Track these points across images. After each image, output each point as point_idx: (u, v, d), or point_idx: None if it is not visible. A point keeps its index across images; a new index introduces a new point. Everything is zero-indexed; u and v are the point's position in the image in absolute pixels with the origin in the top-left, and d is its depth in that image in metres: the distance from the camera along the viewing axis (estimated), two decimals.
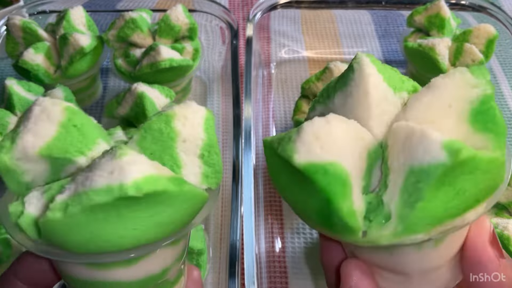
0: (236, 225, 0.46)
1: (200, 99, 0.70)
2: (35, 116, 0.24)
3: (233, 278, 0.42)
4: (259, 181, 0.58)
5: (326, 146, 0.23)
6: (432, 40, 0.60)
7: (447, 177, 0.22)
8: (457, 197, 0.22)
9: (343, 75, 0.27)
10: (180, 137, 0.26)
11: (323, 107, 0.28)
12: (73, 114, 0.25)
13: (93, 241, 0.22)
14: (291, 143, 0.24)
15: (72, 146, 0.24)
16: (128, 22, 0.61)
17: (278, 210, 0.58)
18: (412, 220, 0.22)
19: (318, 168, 0.23)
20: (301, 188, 0.25)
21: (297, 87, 0.71)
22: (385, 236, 0.23)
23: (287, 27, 0.80)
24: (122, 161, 0.21)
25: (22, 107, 0.57)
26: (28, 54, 0.59)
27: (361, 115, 0.25)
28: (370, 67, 0.26)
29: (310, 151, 0.23)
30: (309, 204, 0.25)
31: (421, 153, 0.22)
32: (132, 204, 0.21)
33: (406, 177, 0.23)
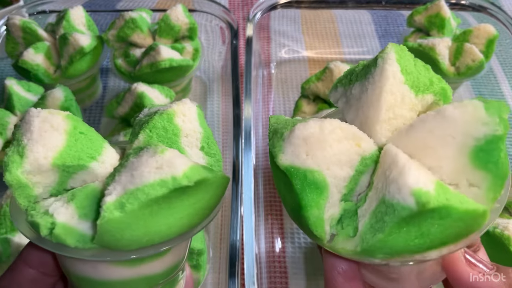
0: (236, 225, 0.46)
1: (200, 99, 0.70)
2: (37, 127, 0.24)
3: (233, 278, 0.42)
4: (259, 181, 0.58)
5: (312, 152, 0.24)
6: (432, 40, 0.60)
7: (413, 219, 0.22)
8: (421, 237, 0.22)
9: (369, 64, 0.27)
10: (183, 133, 0.27)
11: (343, 90, 0.28)
12: (76, 121, 0.26)
13: (146, 234, 0.23)
14: (281, 141, 0.24)
15: (83, 152, 0.25)
16: (128, 22, 0.61)
17: (278, 210, 0.58)
18: (370, 247, 0.23)
19: (299, 173, 0.24)
20: (284, 181, 0.25)
21: (297, 87, 0.71)
22: (346, 251, 0.24)
23: (287, 27, 0.80)
24: (167, 156, 0.23)
25: (22, 107, 0.57)
26: (28, 54, 0.59)
27: (370, 116, 0.25)
28: (393, 66, 0.25)
29: (296, 154, 0.24)
30: (287, 198, 0.26)
31: (394, 189, 0.22)
32: (182, 194, 0.23)
33: (379, 203, 0.23)
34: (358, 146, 0.25)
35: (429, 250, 0.23)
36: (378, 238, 0.22)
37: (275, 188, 0.60)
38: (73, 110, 0.57)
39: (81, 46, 0.59)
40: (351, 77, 0.28)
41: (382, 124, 0.25)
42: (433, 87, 0.26)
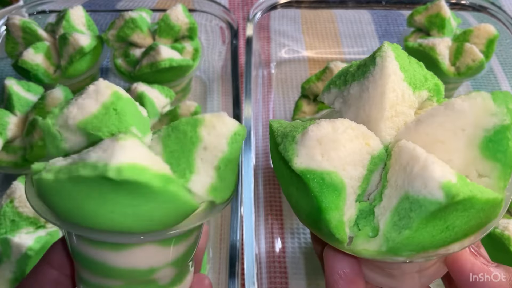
0: (236, 225, 0.46)
1: (200, 99, 0.70)
2: (87, 93, 0.26)
3: (233, 278, 0.42)
4: (259, 181, 0.58)
5: (327, 153, 0.23)
6: (433, 40, 0.60)
7: (440, 213, 0.22)
8: (446, 231, 0.22)
9: (365, 63, 0.27)
10: (202, 144, 0.26)
11: (337, 91, 0.28)
12: (117, 99, 0.27)
13: (75, 211, 0.23)
14: (294, 144, 0.24)
15: (105, 126, 0.26)
16: (128, 22, 0.61)
17: (278, 210, 0.58)
18: (397, 244, 0.23)
19: (316, 176, 0.23)
20: (298, 186, 0.25)
21: (297, 87, 0.71)
22: (369, 251, 0.24)
23: (287, 27, 0.80)
24: (117, 144, 0.22)
25: (22, 107, 0.57)
26: (28, 54, 0.59)
27: (373, 115, 0.25)
28: (393, 64, 0.25)
29: (311, 156, 0.23)
30: (301, 203, 0.25)
31: (419, 184, 0.22)
32: (114, 187, 0.22)
33: (401, 200, 0.23)
34: (367, 145, 0.24)
35: (453, 243, 0.23)
36: (405, 235, 0.22)
37: (275, 188, 0.60)
38: None
39: (81, 46, 0.59)
40: (346, 77, 0.28)
41: (386, 122, 0.25)
42: (427, 84, 0.27)
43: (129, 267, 0.26)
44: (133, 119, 0.27)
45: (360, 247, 0.24)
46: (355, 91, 0.26)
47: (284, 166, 0.25)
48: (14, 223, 0.46)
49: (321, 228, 0.24)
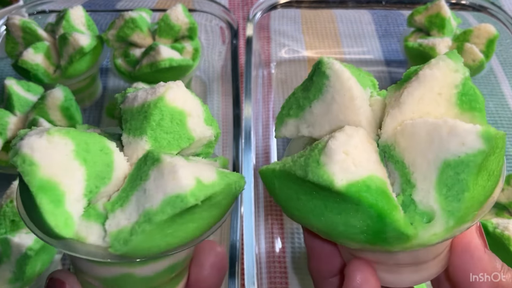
0: (236, 225, 0.46)
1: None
2: None
3: (233, 278, 0.42)
4: (259, 181, 0.58)
5: (357, 160, 0.23)
6: (433, 40, 0.60)
7: (484, 162, 0.22)
8: (490, 178, 0.23)
9: (311, 83, 0.27)
10: (187, 113, 0.27)
11: (295, 120, 0.28)
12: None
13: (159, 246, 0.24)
14: (324, 166, 0.22)
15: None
16: (127, 21, 0.61)
17: (278, 210, 0.58)
18: (462, 211, 0.22)
19: (360, 187, 0.22)
20: (338, 210, 0.24)
21: None
22: (438, 234, 0.23)
23: (287, 27, 0.80)
24: (174, 174, 0.23)
25: (22, 107, 0.57)
26: (28, 54, 0.59)
27: (351, 119, 0.26)
28: (345, 71, 0.26)
29: (346, 170, 0.22)
30: (350, 225, 0.24)
31: (455, 145, 0.22)
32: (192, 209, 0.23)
33: (441, 172, 0.23)
34: (370, 143, 0.25)
35: (494, 189, 0.24)
36: (467, 198, 0.22)
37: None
38: (73, 110, 0.57)
39: (81, 46, 0.59)
40: (299, 104, 0.28)
41: (364, 121, 0.26)
42: (367, 82, 0.28)
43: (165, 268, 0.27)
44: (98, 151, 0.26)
45: (427, 235, 0.23)
46: (319, 109, 0.27)
47: (307, 197, 0.24)
48: (14, 223, 0.46)
49: (386, 235, 0.23)
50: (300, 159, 0.24)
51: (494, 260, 0.27)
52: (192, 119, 0.27)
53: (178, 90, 0.27)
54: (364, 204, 0.22)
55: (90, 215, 0.24)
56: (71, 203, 0.23)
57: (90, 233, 0.24)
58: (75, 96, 0.58)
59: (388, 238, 0.23)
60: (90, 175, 0.24)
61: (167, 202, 0.22)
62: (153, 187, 0.23)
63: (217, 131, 0.29)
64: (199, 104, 0.28)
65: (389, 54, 0.76)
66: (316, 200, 0.24)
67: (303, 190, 0.24)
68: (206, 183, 0.23)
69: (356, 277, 0.26)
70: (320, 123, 0.27)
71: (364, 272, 0.26)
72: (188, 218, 0.24)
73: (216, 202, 0.24)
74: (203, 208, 0.24)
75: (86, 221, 0.24)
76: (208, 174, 0.24)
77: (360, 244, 0.24)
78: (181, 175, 0.22)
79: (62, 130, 0.23)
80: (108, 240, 0.23)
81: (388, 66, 0.75)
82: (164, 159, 0.23)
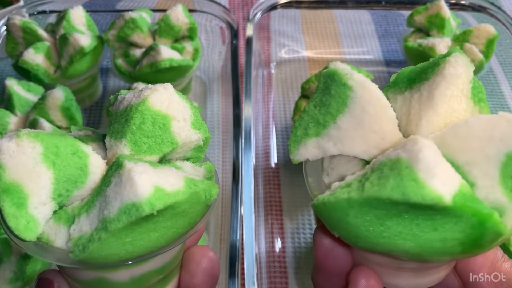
0: (236, 225, 0.46)
1: (200, 99, 0.70)
2: None
3: (233, 278, 0.42)
4: (259, 181, 0.58)
5: (447, 170, 0.22)
6: (432, 40, 0.60)
7: None
8: None
9: (334, 96, 0.26)
10: (172, 117, 0.26)
11: (317, 139, 0.27)
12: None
13: (121, 252, 0.23)
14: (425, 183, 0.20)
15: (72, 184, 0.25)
16: (128, 22, 0.61)
17: (278, 210, 0.58)
18: None
19: (461, 197, 0.21)
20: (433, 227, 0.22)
21: (297, 87, 0.71)
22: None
23: (287, 27, 0.80)
24: (132, 180, 0.22)
25: (22, 107, 0.57)
26: (28, 54, 0.59)
27: (387, 129, 0.25)
28: (367, 80, 0.25)
29: (445, 183, 0.21)
30: (449, 239, 0.22)
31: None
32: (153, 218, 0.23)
33: (504, 166, 0.22)
34: None
35: None
36: None
37: (275, 188, 0.60)
38: (73, 110, 0.57)
39: (81, 46, 0.59)
40: (319, 122, 0.27)
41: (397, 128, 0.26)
42: None
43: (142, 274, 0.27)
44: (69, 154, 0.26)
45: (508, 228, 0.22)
46: (348, 123, 0.25)
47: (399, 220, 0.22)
48: None
49: (482, 242, 0.22)
50: (388, 181, 0.22)
51: (496, 248, 0.27)
52: (177, 123, 0.27)
53: (164, 93, 0.26)
54: (467, 213, 0.21)
55: (61, 218, 0.24)
56: (35, 206, 0.23)
57: (58, 237, 0.23)
58: (76, 96, 0.59)
59: (484, 242, 0.22)
60: (59, 179, 0.23)
61: (123, 210, 0.22)
62: (113, 193, 0.23)
63: (205, 135, 0.28)
64: (187, 107, 0.27)
65: (388, 54, 0.77)
66: (405, 222, 0.22)
67: (390, 214, 0.22)
68: (168, 192, 0.22)
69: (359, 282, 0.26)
70: (351, 137, 0.25)
71: (368, 278, 0.26)
72: (148, 227, 0.23)
73: (181, 211, 0.24)
74: (166, 217, 0.23)
75: (56, 224, 0.24)
76: (173, 182, 0.23)
77: (454, 256, 0.23)
78: (138, 183, 0.22)
79: (32, 133, 0.23)
80: (69, 246, 0.23)
81: (388, 66, 0.75)
82: (125, 165, 0.23)
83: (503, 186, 0.22)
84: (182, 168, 0.27)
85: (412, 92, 0.26)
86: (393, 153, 0.23)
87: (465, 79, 0.25)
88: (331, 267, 0.28)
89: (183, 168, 0.27)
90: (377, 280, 0.27)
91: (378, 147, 0.25)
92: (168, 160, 0.28)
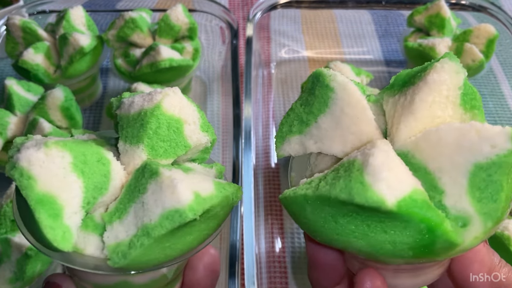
0: (236, 225, 0.46)
1: (200, 99, 0.70)
2: None
3: (233, 278, 0.42)
4: (259, 181, 0.58)
5: (399, 175, 0.22)
6: (432, 40, 0.60)
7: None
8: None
9: (317, 97, 0.27)
10: (184, 121, 0.27)
11: (299, 136, 0.28)
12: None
13: (159, 258, 0.24)
14: (370, 187, 0.21)
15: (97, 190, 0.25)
16: (128, 22, 0.61)
17: (278, 210, 0.58)
18: (499, 212, 0.22)
19: (408, 202, 0.21)
20: (383, 229, 0.23)
21: (297, 87, 0.71)
22: (478, 237, 0.22)
23: (287, 27, 0.80)
24: (173, 188, 0.23)
25: (22, 107, 0.57)
26: (28, 54, 0.59)
27: (364, 130, 0.25)
28: (349, 82, 0.26)
29: (392, 187, 0.21)
30: (399, 242, 0.23)
31: (487, 148, 0.22)
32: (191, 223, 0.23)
33: (472, 175, 0.22)
34: None
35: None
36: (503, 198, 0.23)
37: (275, 188, 0.60)
38: (73, 110, 0.57)
39: (81, 46, 0.59)
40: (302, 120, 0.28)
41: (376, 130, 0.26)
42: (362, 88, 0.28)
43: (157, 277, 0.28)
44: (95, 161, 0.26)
45: (468, 240, 0.23)
46: (327, 123, 0.26)
47: (351, 219, 0.23)
48: (14, 223, 0.46)
49: (434, 248, 0.22)
50: (339, 182, 0.23)
51: (493, 254, 0.27)
52: (189, 126, 0.27)
53: (175, 97, 0.27)
54: (415, 219, 0.21)
55: (88, 226, 0.24)
56: (69, 216, 0.23)
57: (88, 244, 0.24)
58: (75, 96, 0.58)
59: (437, 249, 0.22)
60: (88, 187, 0.24)
61: (166, 217, 0.22)
62: (151, 200, 0.23)
63: (213, 137, 0.28)
64: (195, 110, 0.28)
65: (389, 54, 0.76)
66: (356, 221, 0.23)
67: (342, 213, 0.23)
68: (204, 196, 0.23)
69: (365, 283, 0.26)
70: (330, 137, 0.26)
71: (373, 280, 0.26)
72: (186, 231, 0.24)
73: (213, 214, 0.25)
74: (201, 220, 0.24)
75: (84, 232, 0.24)
76: (206, 187, 0.24)
77: (406, 259, 0.24)
78: (180, 190, 0.22)
79: (60, 143, 0.23)
80: (106, 253, 0.23)
81: (388, 66, 0.75)
82: (163, 173, 0.23)
83: (471, 196, 0.22)
84: (193, 169, 0.28)
85: (400, 95, 0.26)
86: (353, 154, 0.24)
87: (451, 85, 0.24)
88: (322, 262, 0.29)
89: (195, 170, 0.28)
90: (383, 281, 0.27)
91: (355, 147, 0.25)
92: (177, 162, 0.28)
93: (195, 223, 0.23)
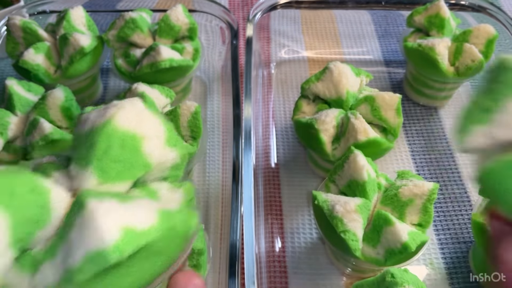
0: (236, 225, 0.46)
1: (200, 99, 0.70)
2: None
3: (233, 278, 0.42)
4: (259, 181, 0.58)
5: None
6: (432, 40, 0.60)
7: None
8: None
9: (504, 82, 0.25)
10: (142, 138, 0.24)
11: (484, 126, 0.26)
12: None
13: None
14: None
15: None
16: (128, 22, 0.61)
17: (278, 210, 0.58)
18: None
19: None
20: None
21: (297, 87, 0.71)
22: None
23: (287, 27, 0.80)
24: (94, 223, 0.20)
25: (22, 107, 0.57)
26: (28, 54, 0.59)
27: None
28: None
29: None
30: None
31: None
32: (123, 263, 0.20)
33: None
34: None
35: None
36: None
37: (275, 188, 0.60)
38: (74, 110, 0.57)
39: (81, 46, 0.59)
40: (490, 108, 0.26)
41: None
42: None
43: None
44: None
45: None
46: None
47: None
48: None
49: None
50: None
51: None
52: (149, 142, 0.24)
53: (132, 110, 0.24)
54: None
55: (24, 265, 0.21)
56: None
57: (23, 286, 0.21)
58: (76, 96, 0.58)
59: None
60: (18, 221, 0.20)
61: (87, 260, 0.19)
62: (76, 239, 0.20)
63: (183, 152, 0.25)
64: (160, 123, 0.25)
65: (388, 55, 0.77)
66: None
67: None
68: (139, 231, 0.20)
69: None
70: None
71: None
72: (121, 273, 0.21)
73: (156, 249, 0.22)
74: (139, 259, 0.21)
75: (19, 272, 0.21)
76: (144, 219, 0.21)
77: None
78: (103, 226, 0.19)
79: None
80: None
81: (388, 66, 0.75)
82: (87, 205, 0.20)
83: None
84: (158, 191, 0.25)
85: None
86: None
87: None
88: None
89: (159, 192, 0.25)
90: None
91: None
92: (142, 182, 0.25)
93: (131, 263, 0.21)
